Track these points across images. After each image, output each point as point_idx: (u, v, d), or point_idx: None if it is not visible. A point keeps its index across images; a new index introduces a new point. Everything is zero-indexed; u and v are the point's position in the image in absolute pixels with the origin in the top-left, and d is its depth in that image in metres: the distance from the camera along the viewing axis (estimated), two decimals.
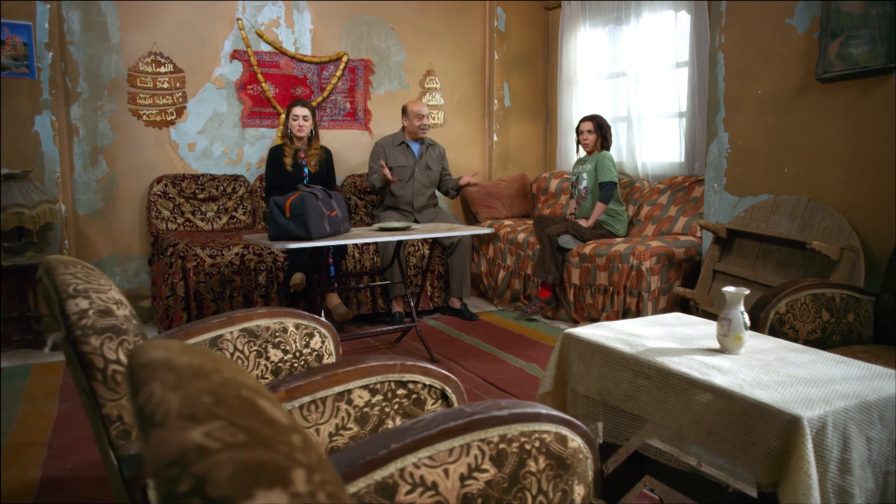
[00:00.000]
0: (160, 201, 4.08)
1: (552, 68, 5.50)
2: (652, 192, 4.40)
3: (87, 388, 1.09)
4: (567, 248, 4.10)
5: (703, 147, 4.19)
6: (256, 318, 1.78)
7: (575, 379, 1.65)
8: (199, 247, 3.64)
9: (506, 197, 5.27)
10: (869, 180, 2.93)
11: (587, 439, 1.16)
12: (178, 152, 4.22)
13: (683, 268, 3.78)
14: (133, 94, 4.05)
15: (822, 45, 3.07)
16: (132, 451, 1.13)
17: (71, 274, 1.15)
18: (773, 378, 1.32)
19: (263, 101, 4.46)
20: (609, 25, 4.86)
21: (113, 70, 3.98)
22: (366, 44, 4.78)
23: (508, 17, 5.28)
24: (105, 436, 1.11)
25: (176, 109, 4.18)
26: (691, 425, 1.35)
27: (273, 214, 2.87)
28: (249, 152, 4.46)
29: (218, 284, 3.65)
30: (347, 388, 1.28)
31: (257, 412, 0.49)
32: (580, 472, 1.14)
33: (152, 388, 0.49)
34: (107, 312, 1.11)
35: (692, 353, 1.49)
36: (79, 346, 1.08)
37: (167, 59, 4.12)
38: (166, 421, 0.45)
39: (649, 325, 1.73)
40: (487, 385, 3.06)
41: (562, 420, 1.12)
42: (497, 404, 1.09)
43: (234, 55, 4.32)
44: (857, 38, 2.94)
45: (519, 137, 5.49)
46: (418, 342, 3.62)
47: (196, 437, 0.43)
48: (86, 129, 3.94)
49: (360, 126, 4.85)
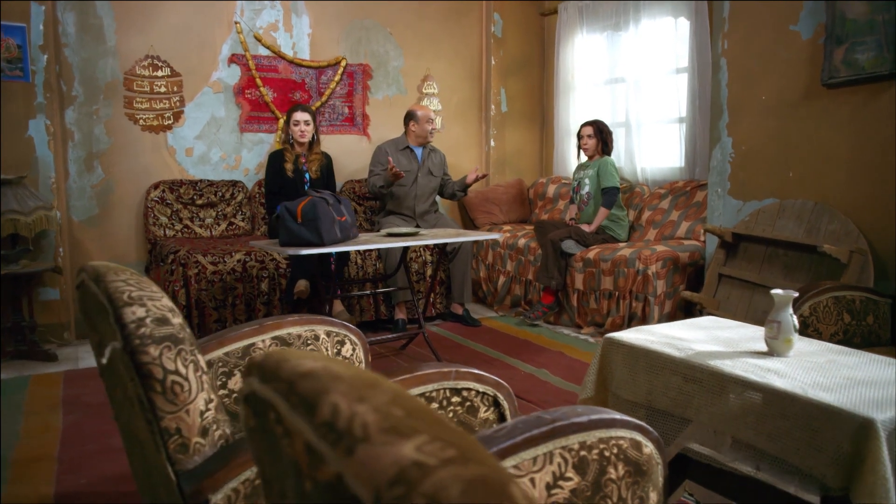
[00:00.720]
0: (158, 207, 3.99)
1: (548, 74, 5.51)
2: (652, 196, 4.42)
3: (145, 399, 1.04)
4: (570, 254, 4.10)
5: (704, 152, 4.22)
6: (287, 325, 1.73)
7: (617, 384, 1.63)
8: (201, 253, 3.57)
9: (503, 202, 5.26)
10: (875, 184, 2.97)
11: (658, 445, 1.14)
12: (176, 157, 4.14)
13: (688, 272, 3.80)
14: (129, 98, 3.96)
15: (828, 50, 3.11)
16: (190, 465, 1.08)
17: (123, 281, 1.10)
18: (831, 380, 1.31)
19: (262, 106, 4.39)
20: (607, 31, 4.88)
21: (109, 73, 3.89)
22: (364, 48, 4.75)
23: (505, 23, 5.29)
24: (163, 450, 1.06)
25: (173, 114, 4.10)
26: (749, 429, 1.34)
27: (284, 220, 2.82)
28: (248, 157, 4.39)
29: (220, 292, 3.57)
30: None
31: (444, 424, 0.46)
32: (654, 479, 1.11)
33: (335, 400, 0.45)
34: (163, 321, 1.06)
35: (741, 355, 1.48)
36: (137, 357, 1.03)
37: (164, 63, 4.04)
38: (371, 436, 0.42)
39: (689, 329, 1.72)
40: None
41: (635, 426, 1.10)
42: (574, 410, 1.06)
43: (232, 59, 4.25)
44: (862, 44, 2.98)
45: (515, 143, 5.49)
46: (425, 349, 3.58)
47: (409, 452, 0.40)
48: (81, 134, 3.85)
49: (358, 131, 4.81)
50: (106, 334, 1.18)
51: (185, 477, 1.06)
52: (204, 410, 1.09)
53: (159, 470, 1.13)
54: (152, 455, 1.14)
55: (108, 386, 1.41)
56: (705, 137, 4.18)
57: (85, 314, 1.33)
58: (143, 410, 1.07)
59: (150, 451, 1.17)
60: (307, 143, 4.10)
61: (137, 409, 1.09)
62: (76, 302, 3.79)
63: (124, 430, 1.43)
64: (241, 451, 1.08)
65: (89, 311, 1.27)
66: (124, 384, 1.24)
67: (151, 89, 4.01)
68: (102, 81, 3.88)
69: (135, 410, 1.19)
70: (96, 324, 1.27)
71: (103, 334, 1.21)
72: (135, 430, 1.31)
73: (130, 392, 1.10)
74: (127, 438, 1.43)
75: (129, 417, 1.33)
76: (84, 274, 1.22)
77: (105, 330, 1.16)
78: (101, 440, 2.40)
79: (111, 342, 1.04)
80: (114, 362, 1.17)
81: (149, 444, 1.14)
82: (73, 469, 2.16)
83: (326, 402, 0.46)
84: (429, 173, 4.44)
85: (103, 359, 1.04)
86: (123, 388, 1.27)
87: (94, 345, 1.36)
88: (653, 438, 1.13)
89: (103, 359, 1.04)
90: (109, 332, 1.11)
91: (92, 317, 1.27)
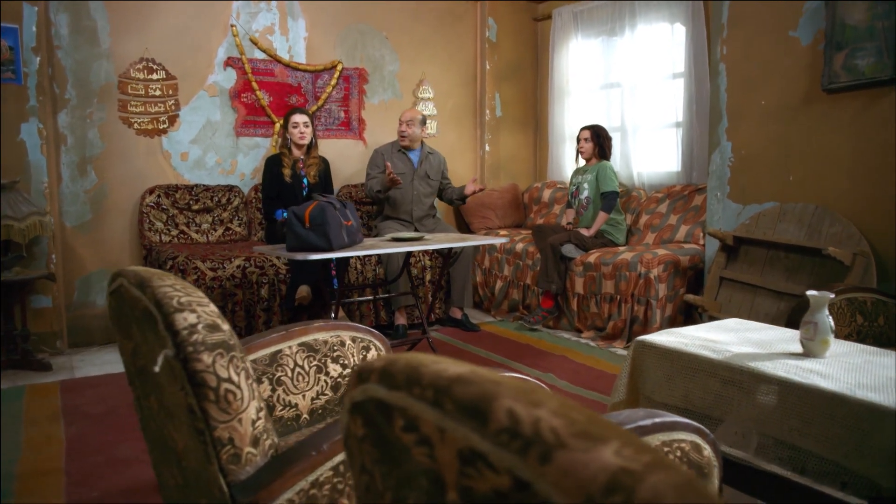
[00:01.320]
0: (153, 213, 3.92)
1: (542, 79, 5.53)
2: (650, 200, 4.45)
3: (197, 409, 1.01)
4: (570, 258, 4.10)
5: (701, 156, 4.26)
6: (313, 331, 1.70)
7: (650, 387, 1.62)
8: (200, 259, 3.51)
9: (499, 207, 5.26)
10: (876, 188, 3.01)
11: (714, 447, 1.13)
12: (171, 162, 4.07)
13: (688, 275, 3.82)
14: (124, 102, 3.89)
15: (828, 56, 3.15)
16: (242, 476, 1.05)
17: (170, 286, 1.06)
18: (874, 381, 1.31)
19: (258, 110, 4.34)
20: (602, 36, 4.91)
21: (103, 76, 3.82)
22: (360, 52, 4.72)
23: (499, 28, 5.30)
24: (215, 460, 1.03)
25: (168, 118, 4.03)
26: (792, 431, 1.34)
27: (291, 225, 2.78)
28: (243, 162, 4.33)
29: (219, 299, 3.51)
30: None
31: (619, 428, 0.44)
32: (712, 482, 1.11)
33: (509, 405, 0.43)
34: (215, 327, 1.03)
35: (778, 357, 1.48)
36: (191, 364, 0.99)
37: (159, 66, 3.97)
38: (565, 441, 0.40)
39: (719, 332, 1.72)
40: None
41: (695, 428, 1.09)
42: (636, 413, 1.05)
43: (228, 62, 4.20)
44: (862, 50, 3.03)
45: (510, 147, 5.50)
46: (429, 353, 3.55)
47: (611, 458, 0.38)
48: (74, 138, 3.76)
49: (354, 136, 4.78)
50: (147, 341, 1.14)
51: (239, 488, 1.03)
52: (255, 419, 1.06)
53: (206, 481, 1.09)
54: (198, 466, 1.10)
55: (139, 394, 1.36)
56: (703, 142, 4.22)
57: (118, 321, 1.29)
58: (192, 420, 1.03)
59: (194, 462, 1.13)
60: (305, 147, 4.06)
61: (185, 418, 1.06)
62: (67, 309, 3.71)
63: (154, 439, 1.38)
64: (297, 461, 1.05)
65: (125, 318, 1.23)
66: (161, 392, 1.20)
67: (146, 92, 3.94)
68: (96, 84, 3.80)
69: (177, 420, 1.16)
70: (132, 331, 1.23)
71: (143, 341, 1.17)
72: (170, 439, 1.26)
73: (178, 400, 1.06)
74: (158, 449, 1.38)
75: (162, 427, 1.29)
76: (122, 279, 1.18)
77: (147, 337, 1.12)
78: (107, 451, 2.33)
79: (162, 349, 1.00)
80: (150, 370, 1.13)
81: (194, 454, 1.11)
82: (83, 482, 2.10)
83: (499, 407, 0.44)
84: (426, 177, 4.41)
85: (156, 367, 1.00)
86: (160, 397, 1.23)
87: (127, 352, 1.31)
88: (710, 441, 1.12)
89: (156, 367, 1.00)
90: (153, 339, 1.08)
91: (128, 323, 1.23)
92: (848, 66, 3.08)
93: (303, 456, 1.05)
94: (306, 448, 1.07)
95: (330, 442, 1.07)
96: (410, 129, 4.30)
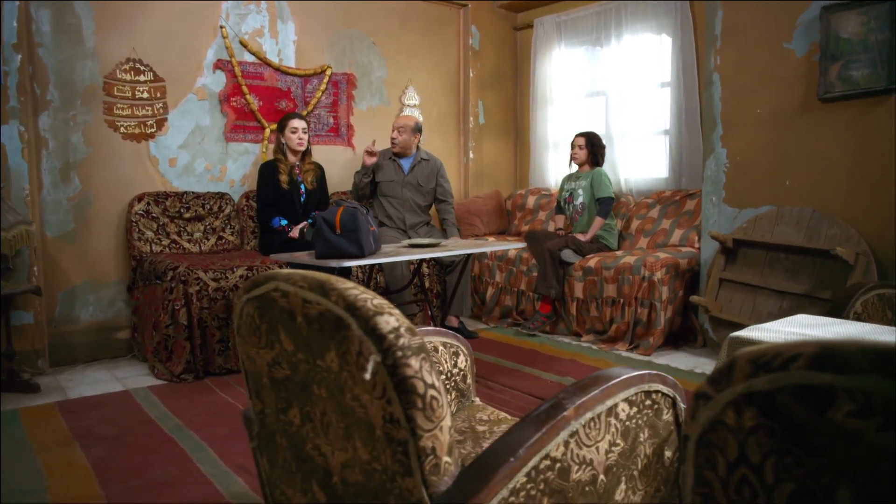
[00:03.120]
0: (143, 221, 3.70)
1: (522, 87, 5.59)
2: (640, 206, 4.56)
3: (403, 417, 0.95)
4: (569, 263, 4.15)
5: (690, 163, 4.41)
6: None
7: None
8: (202, 270, 3.34)
9: (484, 214, 5.27)
10: (873, 190, 3.19)
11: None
12: (158, 168, 3.86)
13: (686, 278, 3.93)
14: (110, 104, 3.66)
15: (823, 67, 3.33)
16: (442, 487, 0.99)
17: (354, 288, 1.00)
18: None
19: (247, 115, 4.19)
20: (586, 46, 5.02)
21: (87, 77, 3.59)
22: (348, 57, 4.64)
23: (482, 36, 5.33)
24: (418, 472, 0.97)
25: (156, 121, 3.83)
26: None
27: (322, 231, 2.68)
28: (233, 168, 4.17)
29: (222, 310, 3.35)
30: (615, 402, 1.20)
31: None
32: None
33: None
34: (411, 331, 0.97)
35: None
36: (400, 370, 0.93)
37: (147, 67, 3.77)
38: None
39: (803, 327, 1.77)
40: (540, 401, 3.00)
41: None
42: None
43: (218, 65, 4.04)
44: (857, 61, 3.22)
45: (492, 155, 5.53)
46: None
47: None
48: (56, 142, 3.51)
49: (343, 142, 4.68)
50: (310, 349, 1.07)
51: (443, 499, 0.97)
52: (450, 426, 1.01)
53: (384, 494, 1.02)
54: (374, 481, 1.04)
55: (268, 408, 1.27)
56: (692, 149, 4.37)
57: (254, 329, 1.19)
58: (390, 430, 0.97)
59: (362, 476, 1.06)
60: (300, 153, 3.94)
61: (379, 428, 0.99)
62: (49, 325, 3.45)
63: (282, 456, 1.29)
64: (498, 468, 1.00)
65: (270, 324, 1.15)
66: (316, 403, 1.13)
67: (133, 95, 3.73)
68: (80, 85, 3.57)
69: (340, 431, 1.08)
70: (278, 338, 1.15)
71: (299, 349, 1.09)
72: (316, 455, 1.18)
73: (360, 411, 0.99)
74: (284, 466, 1.29)
75: (303, 442, 1.21)
76: (279, 283, 1.09)
77: (314, 344, 1.05)
78: (142, 475, 2.17)
79: (356, 355, 0.94)
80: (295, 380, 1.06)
81: (369, 467, 1.04)
82: None
83: None
84: (417, 184, 4.37)
85: (366, 374, 0.93)
86: (311, 408, 1.15)
87: (262, 362, 1.22)
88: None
89: (366, 374, 0.93)
90: (332, 346, 1.00)
91: (272, 331, 1.15)
92: (843, 76, 3.26)
93: (503, 462, 1.01)
94: (503, 454, 1.02)
95: (524, 447, 1.03)
96: (401, 136, 4.25)
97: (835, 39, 3.29)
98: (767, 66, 3.56)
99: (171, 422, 2.68)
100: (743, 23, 3.63)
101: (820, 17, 3.32)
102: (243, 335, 1.25)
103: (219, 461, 2.28)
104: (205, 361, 3.32)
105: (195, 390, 3.11)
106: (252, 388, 1.30)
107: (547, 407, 1.13)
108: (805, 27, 3.40)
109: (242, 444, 2.42)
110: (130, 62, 3.72)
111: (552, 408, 1.13)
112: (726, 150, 3.77)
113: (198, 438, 2.50)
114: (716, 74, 3.78)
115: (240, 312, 1.23)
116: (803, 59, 3.42)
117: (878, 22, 3.12)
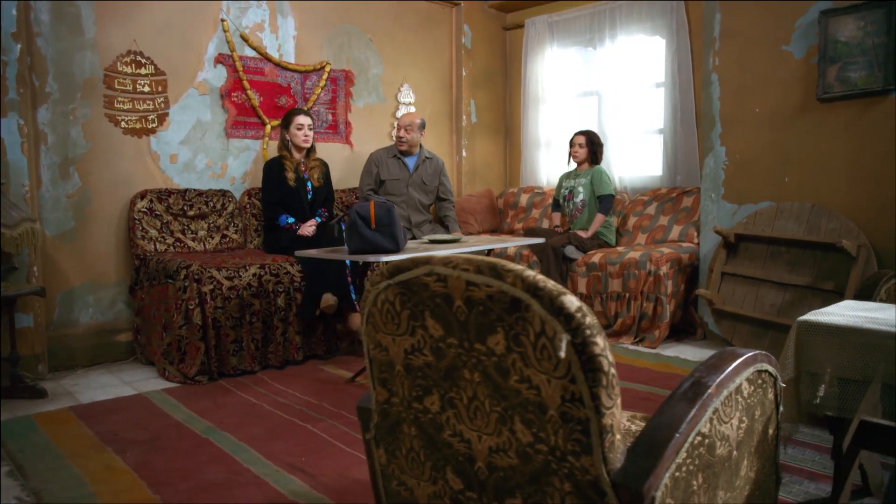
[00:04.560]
0: (146, 219, 3.58)
1: (512, 87, 5.65)
2: (635, 203, 4.67)
3: (589, 396, 0.96)
4: (572, 259, 4.22)
5: (685, 161, 4.53)
6: None
7: (817, 364, 1.72)
8: (215, 268, 3.25)
9: (478, 212, 5.30)
10: (871, 187, 3.36)
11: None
12: (159, 164, 3.74)
13: (687, 272, 4.05)
14: (110, 98, 3.53)
15: (821, 69, 3.48)
16: (617, 464, 1.00)
17: (525, 269, 1.01)
18: None
19: (248, 111, 4.10)
20: (578, 46, 5.10)
21: (87, 69, 3.45)
22: (346, 54, 4.60)
23: (474, 35, 5.36)
24: (600, 449, 0.98)
25: (157, 116, 3.71)
26: None
27: (357, 226, 2.66)
28: (234, 165, 4.07)
29: (236, 310, 3.27)
30: (741, 380, 1.24)
31: None
32: None
33: None
34: (590, 310, 0.99)
35: None
36: (589, 348, 0.94)
37: (148, 60, 3.65)
38: None
39: (861, 310, 1.85)
40: None
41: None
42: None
43: (219, 59, 3.94)
44: (854, 63, 3.38)
45: (484, 154, 5.56)
46: None
47: None
48: (55, 136, 3.36)
49: (341, 139, 4.63)
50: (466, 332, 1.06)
51: (623, 477, 0.98)
52: (619, 405, 1.02)
53: (560, 476, 1.03)
54: (546, 461, 1.04)
55: (397, 396, 1.25)
56: (687, 147, 4.50)
57: (393, 316, 1.17)
58: (573, 409, 0.98)
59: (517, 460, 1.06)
60: (305, 149, 3.89)
61: (554, 409, 0.99)
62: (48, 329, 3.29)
63: (410, 446, 1.27)
64: (667, 444, 1.02)
65: (416, 310, 1.13)
66: (466, 388, 1.12)
67: (134, 88, 3.61)
68: (80, 77, 3.43)
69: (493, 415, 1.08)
70: (423, 323, 1.14)
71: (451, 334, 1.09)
72: (457, 440, 1.18)
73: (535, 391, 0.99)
74: (411, 455, 1.27)
75: (441, 429, 1.20)
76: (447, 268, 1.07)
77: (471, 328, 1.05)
78: (191, 478, 2.11)
79: (560, 334, 0.94)
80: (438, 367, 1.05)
81: (529, 450, 1.04)
82: None
83: None
84: (421, 183, 4.38)
85: (561, 352, 0.94)
86: (456, 393, 1.15)
87: (398, 350, 1.20)
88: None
89: (561, 352, 0.94)
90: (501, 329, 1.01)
91: (417, 316, 1.13)
92: (841, 77, 3.42)
93: (669, 438, 1.03)
94: (668, 430, 1.04)
95: (685, 423, 1.06)
96: (410, 135, 4.26)
97: (833, 42, 3.44)
98: (766, 67, 3.70)
99: (202, 424, 2.60)
100: (742, 26, 3.77)
101: (818, 20, 3.47)
102: (375, 323, 1.23)
103: (266, 461, 2.23)
104: (219, 362, 3.23)
105: (214, 392, 3.03)
106: (377, 378, 1.28)
107: (689, 384, 1.16)
108: (803, 30, 3.55)
109: (285, 445, 2.38)
110: (132, 54, 3.59)
111: (695, 385, 1.16)
112: (725, 148, 3.90)
113: (235, 439, 2.43)
114: (714, 75, 3.91)
115: (374, 299, 1.21)
116: (802, 60, 3.57)
117: (875, 26, 3.29)
